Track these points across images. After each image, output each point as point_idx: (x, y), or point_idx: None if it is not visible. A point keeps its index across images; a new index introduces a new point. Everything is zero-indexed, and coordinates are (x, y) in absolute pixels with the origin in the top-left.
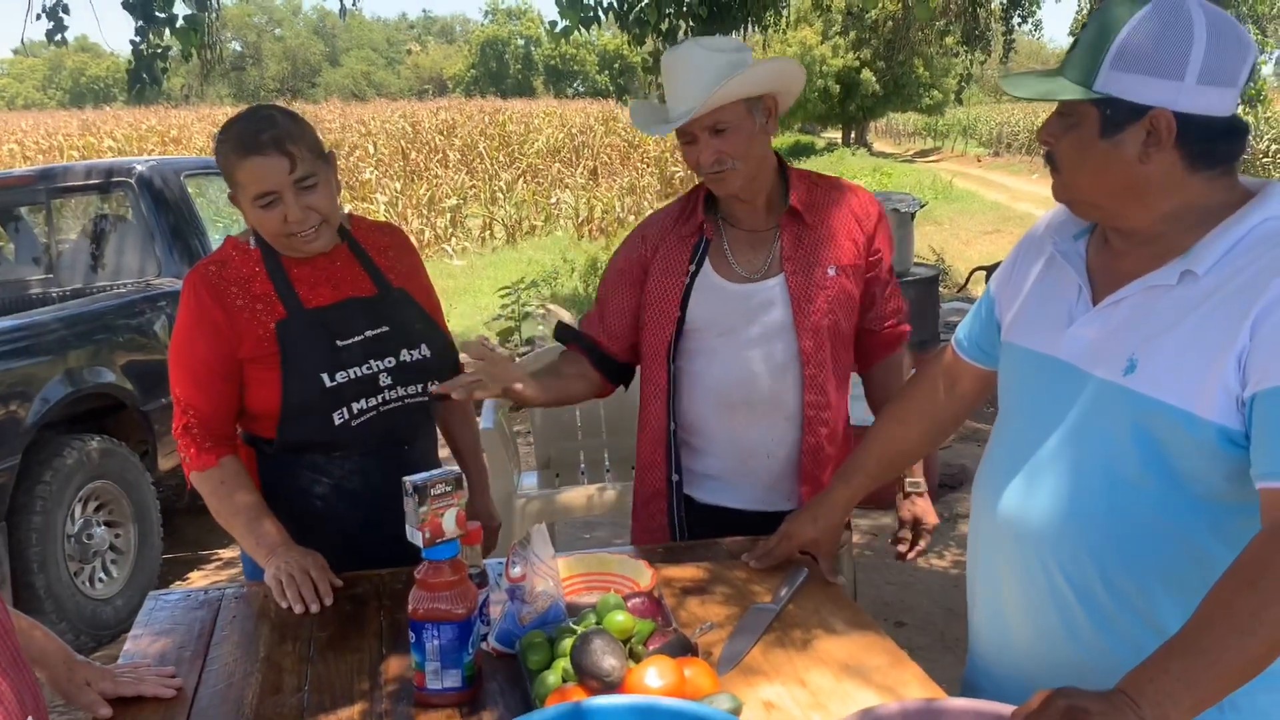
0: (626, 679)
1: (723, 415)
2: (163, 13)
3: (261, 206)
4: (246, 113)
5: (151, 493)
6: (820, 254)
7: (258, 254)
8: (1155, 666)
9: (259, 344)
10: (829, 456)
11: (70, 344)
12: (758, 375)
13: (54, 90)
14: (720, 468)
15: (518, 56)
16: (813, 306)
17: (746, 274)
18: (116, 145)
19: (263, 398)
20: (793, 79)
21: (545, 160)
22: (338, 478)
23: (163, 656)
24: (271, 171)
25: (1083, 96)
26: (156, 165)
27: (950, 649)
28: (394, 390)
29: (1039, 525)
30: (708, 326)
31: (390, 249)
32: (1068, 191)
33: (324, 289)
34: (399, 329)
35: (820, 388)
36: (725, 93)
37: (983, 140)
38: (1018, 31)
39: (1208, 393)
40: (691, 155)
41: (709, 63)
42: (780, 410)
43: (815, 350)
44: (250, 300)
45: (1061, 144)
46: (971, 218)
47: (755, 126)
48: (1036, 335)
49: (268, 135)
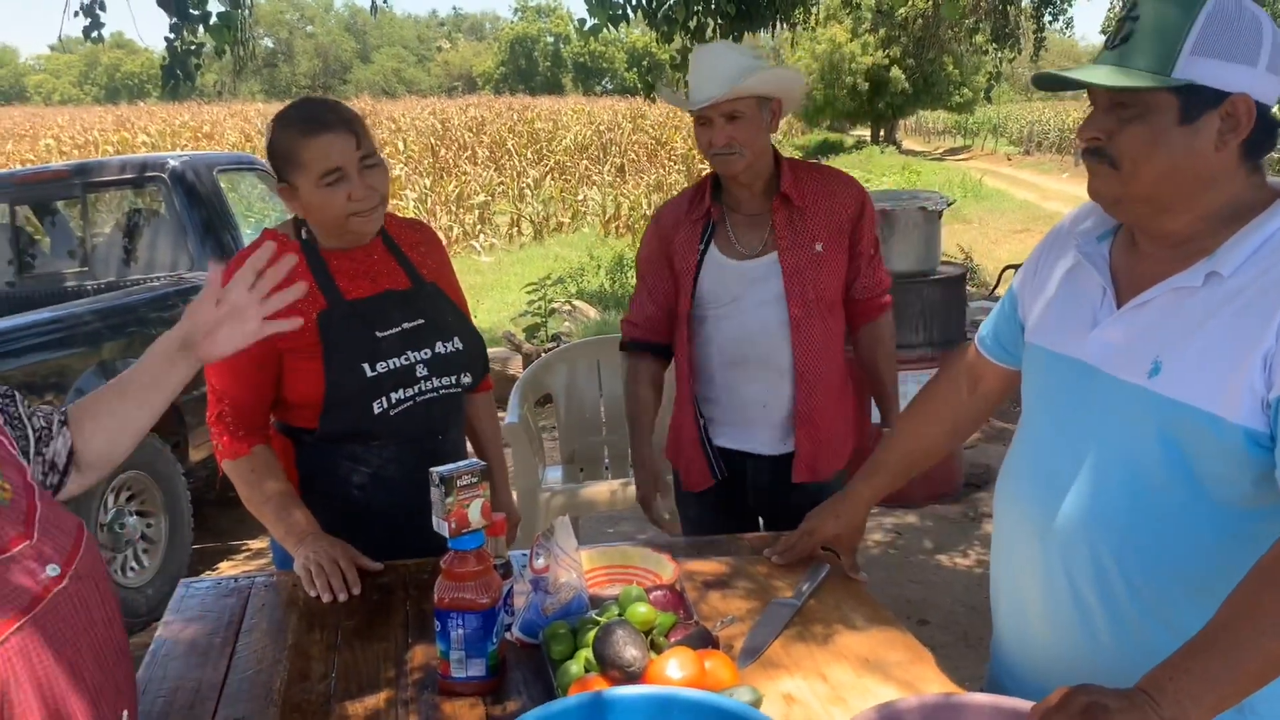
0: (648, 670)
1: (725, 371)
2: (197, 9)
3: (327, 184)
4: (301, 100)
5: (183, 483)
6: (808, 233)
7: (296, 246)
8: (1176, 665)
9: (299, 335)
10: (823, 407)
11: (104, 336)
12: (755, 339)
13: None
14: (729, 417)
15: (546, 54)
16: (802, 278)
17: (745, 252)
18: (150, 140)
19: (303, 387)
20: (799, 88)
21: (573, 157)
22: (375, 466)
23: (193, 643)
24: (340, 148)
25: (1163, 84)
26: (190, 160)
27: (973, 647)
28: (429, 381)
29: (1061, 526)
30: (714, 299)
31: (421, 244)
32: (1125, 186)
33: (362, 281)
34: (433, 322)
35: (808, 348)
36: (746, 85)
37: (1012, 139)
38: (1049, 29)
39: (1233, 395)
40: (705, 136)
41: (734, 59)
42: (773, 368)
43: (804, 316)
44: None
45: (1122, 137)
46: (1001, 216)
47: (763, 121)
48: (1060, 337)
49: (333, 115)
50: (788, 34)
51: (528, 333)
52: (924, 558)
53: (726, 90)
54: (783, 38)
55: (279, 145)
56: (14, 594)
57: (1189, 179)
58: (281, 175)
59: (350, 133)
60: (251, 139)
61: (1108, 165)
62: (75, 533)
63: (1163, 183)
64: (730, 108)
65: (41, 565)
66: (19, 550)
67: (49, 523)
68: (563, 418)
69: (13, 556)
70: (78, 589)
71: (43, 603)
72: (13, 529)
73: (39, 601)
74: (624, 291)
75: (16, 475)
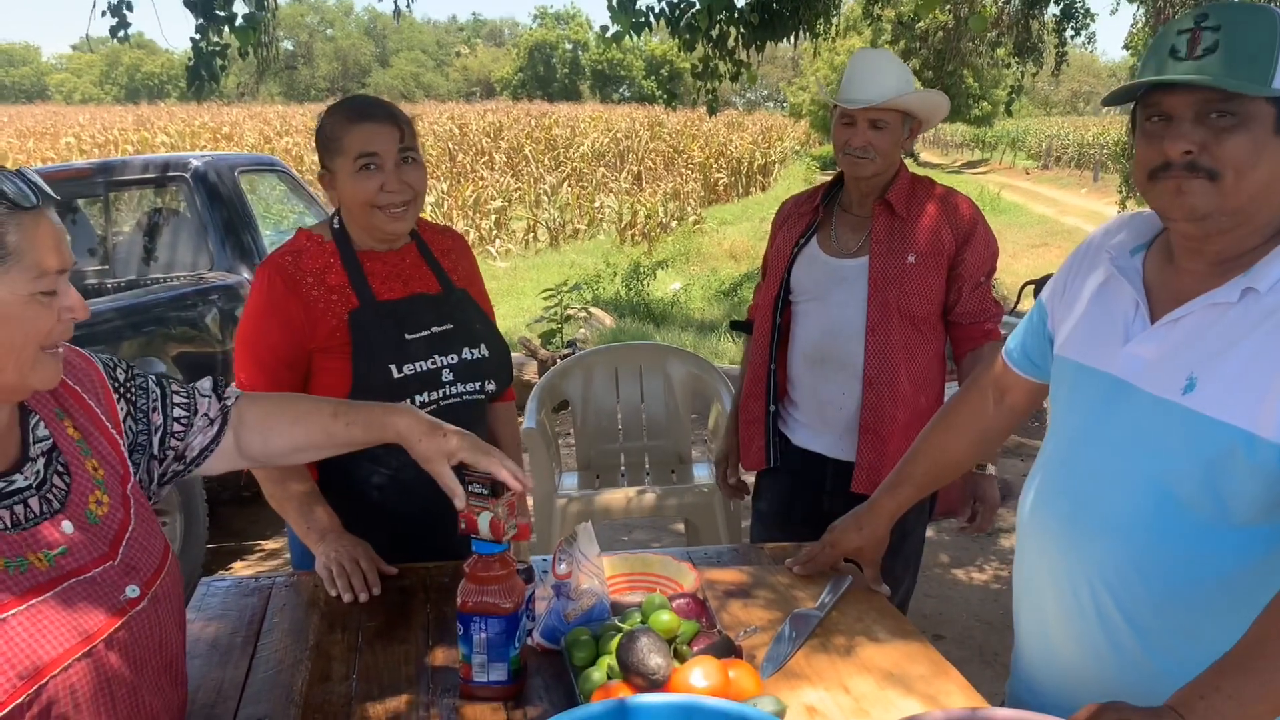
0: (671, 678)
1: (807, 368)
2: (223, 10)
3: (361, 168)
4: (355, 95)
5: (199, 483)
6: (904, 243)
7: (332, 246)
8: (1206, 684)
9: (331, 334)
10: (891, 418)
11: (124, 334)
12: (835, 337)
13: (110, 85)
14: (806, 415)
15: (565, 60)
16: (887, 286)
17: (841, 250)
18: (170, 140)
19: (330, 386)
20: (942, 113)
21: (590, 164)
22: (394, 469)
23: (214, 642)
24: (381, 136)
25: (1268, 93)
26: (211, 160)
27: (989, 663)
28: (454, 386)
29: (1086, 540)
30: (802, 290)
31: (452, 251)
32: (1225, 199)
33: (395, 284)
34: (462, 327)
35: (883, 355)
36: (900, 100)
37: (1031, 153)
38: (1070, 44)
39: (1269, 413)
40: (844, 135)
41: (894, 71)
42: (848, 369)
43: (881, 322)
44: (325, 291)
45: (1223, 148)
46: (1019, 230)
47: (901, 135)
48: (1092, 351)
49: (381, 108)
50: (808, 44)
51: (543, 339)
52: (940, 571)
53: (881, 100)
54: (804, 47)
55: (325, 130)
56: (89, 616)
57: (1277, 191)
58: (323, 162)
59: (395, 125)
60: (270, 140)
61: (1204, 178)
62: (161, 554)
63: (1260, 194)
64: (878, 116)
65: (122, 586)
66: (99, 571)
67: (136, 543)
68: (579, 424)
69: (93, 578)
70: (154, 611)
71: (118, 624)
72: (96, 549)
73: (113, 623)
74: (639, 300)
75: (117, 485)
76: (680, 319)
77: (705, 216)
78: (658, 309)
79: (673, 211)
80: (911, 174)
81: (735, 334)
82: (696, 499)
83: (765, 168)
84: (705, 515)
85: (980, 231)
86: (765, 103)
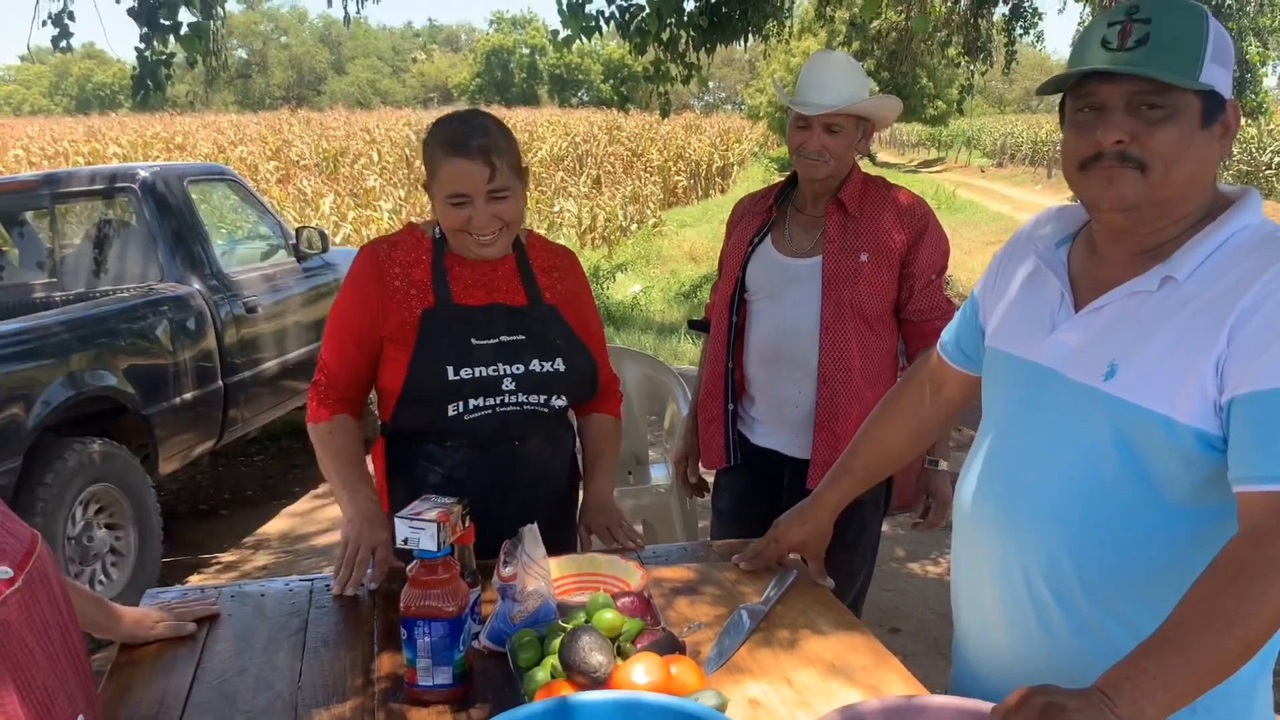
0: (613, 675)
1: (762, 366)
2: (168, 20)
3: (452, 204)
4: (463, 114)
5: (152, 496)
6: (857, 242)
7: (429, 244)
8: (1132, 665)
9: (401, 326)
10: (846, 415)
11: (72, 347)
12: (790, 335)
13: (60, 96)
14: (762, 414)
15: (523, 65)
16: (840, 284)
17: (795, 249)
18: (121, 151)
19: (390, 377)
20: (894, 115)
21: (549, 168)
22: (449, 468)
23: (158, 653)
24: (471, 176)
25: (1196, 86)
26: (160, 171)
27: (944, 655)
28: (515, 395)
29: (1018, 526)
30: (757, 289)
31: (556, 269)
32: (1153, 190)
33: (477, 291)
34: (536, 339)
35: (836, 353)
36: (854, 106)
37: (986, 151)
38: (1020, 43)
39: (1186, 397)
40: (799, 138)
41: (850, 77)
42: (803, 367)
43: (835, 321)
44: (407, 284)
45: (1153, 139)
46: (975, 228)
47: (855, 138)
48: (1019, 341)
49: (477, 143)
50: (761, 46)
51: None
52: (895, 565)
53: (836, 106)
54: (755, 50)
55: (426, 153)
56: None
57: (1200, 183)
58: (428, 177)
59: (486, 164)
60: (224, 150)
61: (1133, 168)
62: (29, 540)
63: (1186, 186)
64: (832, 120)
65: None
66: None
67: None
68: None
69: None
70: (30, 593)
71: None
72: None
73: None
74: (599, 303)
75: None
76: (640, 321)
77: (665, 219)
78: (618, 312)
79: (632, 215)
80: (864, 174)
81: (694, 334)
82: (653, 499)
83: (724, 170)
84: (662, 515)
85: (931, 230)
86: (723, 105)
